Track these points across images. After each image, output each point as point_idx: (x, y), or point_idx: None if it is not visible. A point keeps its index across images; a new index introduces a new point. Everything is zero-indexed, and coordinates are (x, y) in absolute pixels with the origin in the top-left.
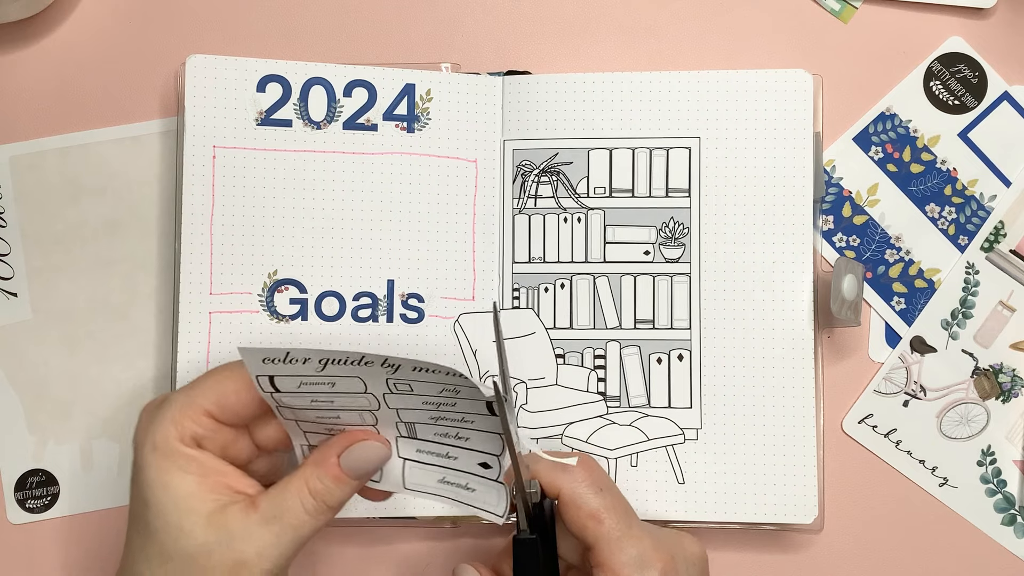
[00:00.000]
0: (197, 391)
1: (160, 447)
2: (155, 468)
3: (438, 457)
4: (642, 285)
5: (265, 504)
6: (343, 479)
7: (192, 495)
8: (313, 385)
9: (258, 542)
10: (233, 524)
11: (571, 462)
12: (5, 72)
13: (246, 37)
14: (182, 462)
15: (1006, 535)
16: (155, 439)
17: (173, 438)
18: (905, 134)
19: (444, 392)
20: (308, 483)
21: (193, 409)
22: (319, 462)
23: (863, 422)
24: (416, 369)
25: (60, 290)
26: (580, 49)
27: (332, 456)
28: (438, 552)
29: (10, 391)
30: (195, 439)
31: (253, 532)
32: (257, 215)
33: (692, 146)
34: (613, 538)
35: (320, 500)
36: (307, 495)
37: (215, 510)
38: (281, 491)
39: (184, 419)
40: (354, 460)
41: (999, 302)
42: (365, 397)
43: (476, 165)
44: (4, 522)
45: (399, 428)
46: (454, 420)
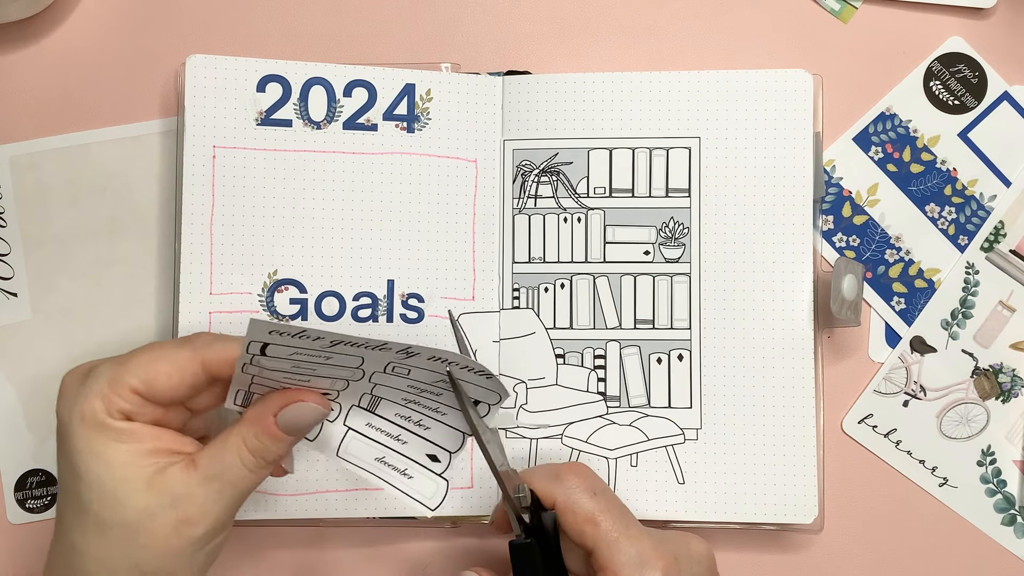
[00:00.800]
0: (126, 368)
1: (88, 419)
2: (84, 439)
3: (386, 436)
4: (642, 285)
5: (204, 462)
6: (279, 436)
7: (128, 463)
8: (306, 355)
9: (200, 500)
10: (174, 485)
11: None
12: (5, 72)
13: (246, 37)
14: (114, 434)
15: (1006, 535)
16: (83, 411)
17: (101, 412)
18: (905, 134)
19: (439, 383)
20: (246, 441)
21: (121, 386)
22: (256, 420)
23: (863, 422)
24: (432, 359)
25: (60, 290)
26: (580, 49)
27: (269, 415)
28: (438, 552)
29: (10, 391)
30: (124, 413)
31: (195, 491)
32: (257, 215)
33: (692, 146)
34: (611, 539)
35: (258, 457)
36: (246, 452)
37: (154, 473)
38: (219, 449)
39: (112, 395)
40: (292, 419)
41: (999, 302)
42: (353, 370)
43: (476, 165)
44: (4, 522)
45: (362, 399)
46: (427, 407)
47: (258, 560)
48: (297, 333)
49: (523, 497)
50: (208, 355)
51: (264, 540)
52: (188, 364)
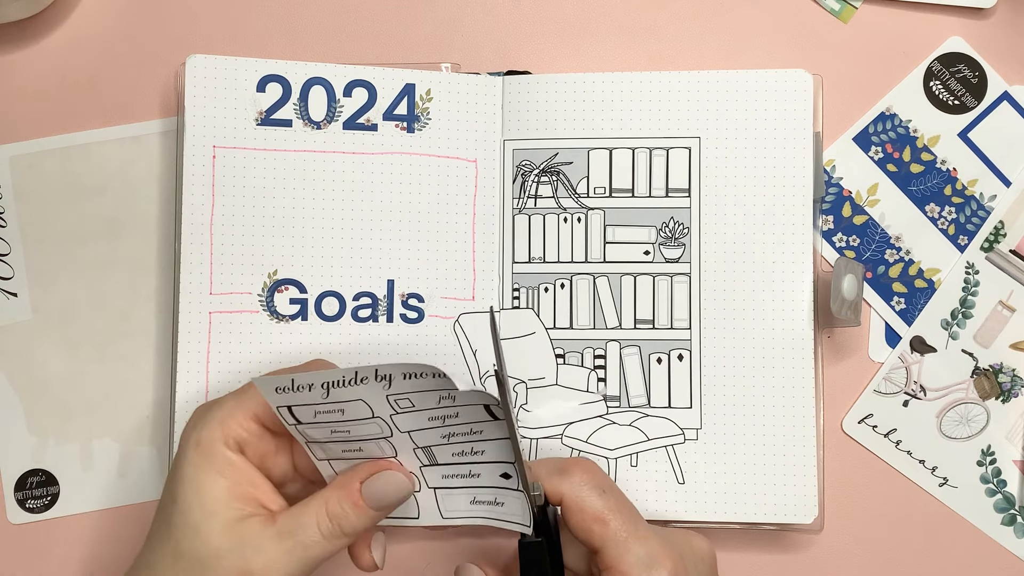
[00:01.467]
0: (247, 394)
1: (203, 445)
2: (193, 466)
3: (463, 478)
4: (642, 285)
5: (282, 520)
6: (362, 507)
7: (219, 500)
8: (326, 414)
9: (267, 555)
10: (248, 534)
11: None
12: (5, 72)
13: (246, 37)
14: (220, 464)
15: (1006, 535)
16: (200, 437)
17: (217, 439)
18: (905, 134)
19: (443, 401)
20: (327, 505)
21: (241, 412)
22: (341, 486)
23: (863, 422)
24: (407, 376)
25: (60, 290)
26: (580, 49)
27: (355, 482)
28: (438, 552)
29: (10, 391)
30: (238, 443)
31: (265, 545)
32: (257, 215)
33: (692, 146)
34: (620, 539)
35: (336, 524)
36: (324, 517)
37: (236, 519)
38: (300, 509)
39: (231, 421)
40: (376, 488)
41: (999, 302)
42: (375, 423)
43: (476, 165)
44: (4, 522)
45: (418, 456)
46: (464, 434)
47: None
48: (291, 385)
49: (538, 496)
50: None
51: None
52: None
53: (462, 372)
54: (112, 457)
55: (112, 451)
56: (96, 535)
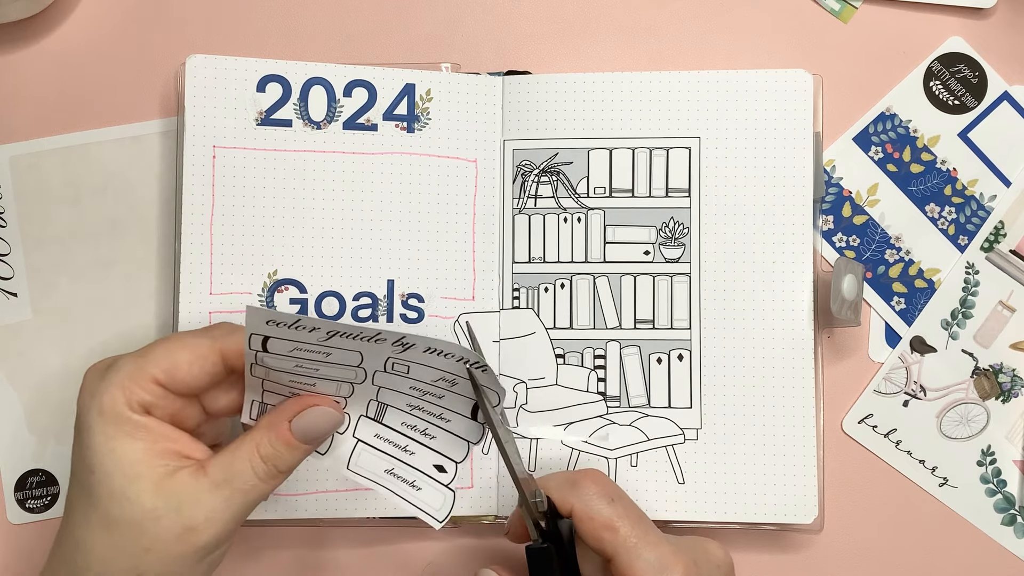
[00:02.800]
0: (148, 359)
1: (107, 412)
2: (101, 433)
3: (394, 447)
4: (642, 285)
5: (214, 469)
6: (294, 443)
7: (140, 461)
8: (306, 352)
9: (207, 507)
10: (182, 489)
11: None
12: (5, 72)
13: (246, 37)
14: (129, 428)
15: (1006, 535)
16: (102, 404)
17: (121, 403)
18: (905, 134)
19: (439, 382)
20: (259, 448)
21: (143, 376)
22: (270, 426)
23: (863, 422)
24: (428, 351)
25: (60, 290)
26: (580, 49)
27: (284, 421)
28: (438, 552)
29: (10, 391)
30: (143, 406)
31: (202, 497)
32: (257, 215)
33: (692, 146)
34: (630, 545)
35: (271, 464)
36: (258, 459)
37: (163, 476)
38: (231, 455)
39: (133, 386)
40: (305, 425)
41: (999, 302)
42: (354, 370)
43: (476, 165)
44: (4, 522)
45: (369, 407)
46: (431, 414)
47: (258, 560)
48: (293, 323)
49: (540, 502)
50: (226, 344)
51: (264, 540)
52: (208, 353)
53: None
54: None
55: None
56: None
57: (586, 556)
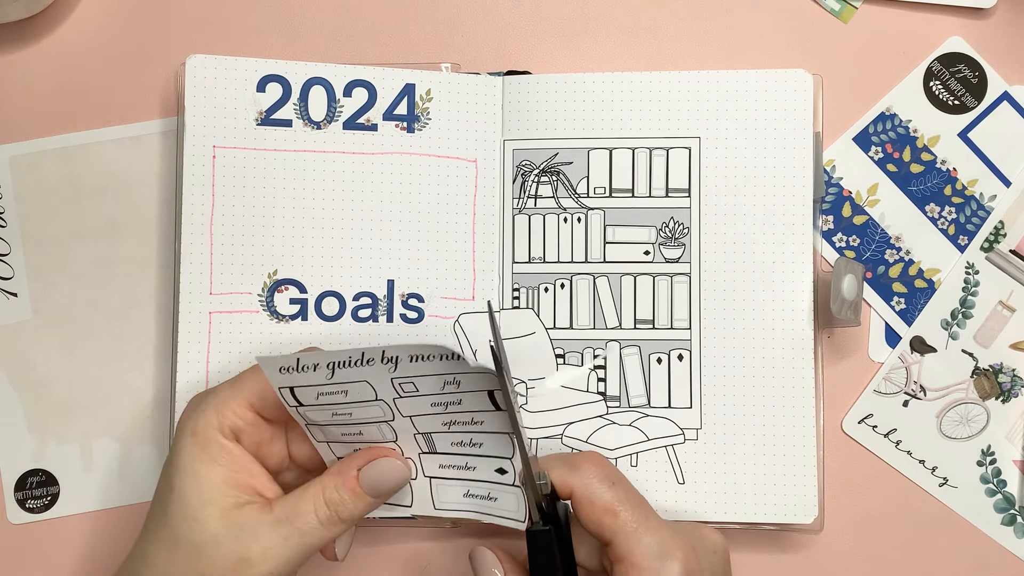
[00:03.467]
0: (242, 383)
1: (199, 434)
2: (188, 455)
3: (459, 470)
4: (642, 285)
5: (279, 506)
6: (359, 493)
7: (216, 487)
8: (329, 395)
9: (264, 541)
10: (245, 521)
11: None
12: (5, 72)
13: (246, 37)
14: (215, 452)
15: (1006, 535)
16: (196, 425)
17: (213, 427)
18: (905, 134)
19: (447, 387)
20: (324, 492)
21: (236, 400)
22: (338, 473)
23: (863, 422)
24: (413, 359)
25: (60, 290)
26: (580, 49)
27: (352, 469)
28: (438, 552)
29: (10, 391)
30: (234, 431)
31: (262, 531)
32: (257, 215)
33: (692, 146)
34: (630, 530)
35: (333, 510)
36: (321, 503)
37: (233, 506)
38: (297, 496)
39: (226, 409)
40: (373, 475)
41: (999, 302)
42: (378, 406)
43: (476, 165)
44: (4, 522)
45: (419, 442)
46: (465, 423)
47: None
48: (294, 364)
49: (544, 484)
50: None
51: None
52: None
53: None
54: (112, 457)
55: (112, 451)
56: (96, 535)
57: (580, 540)
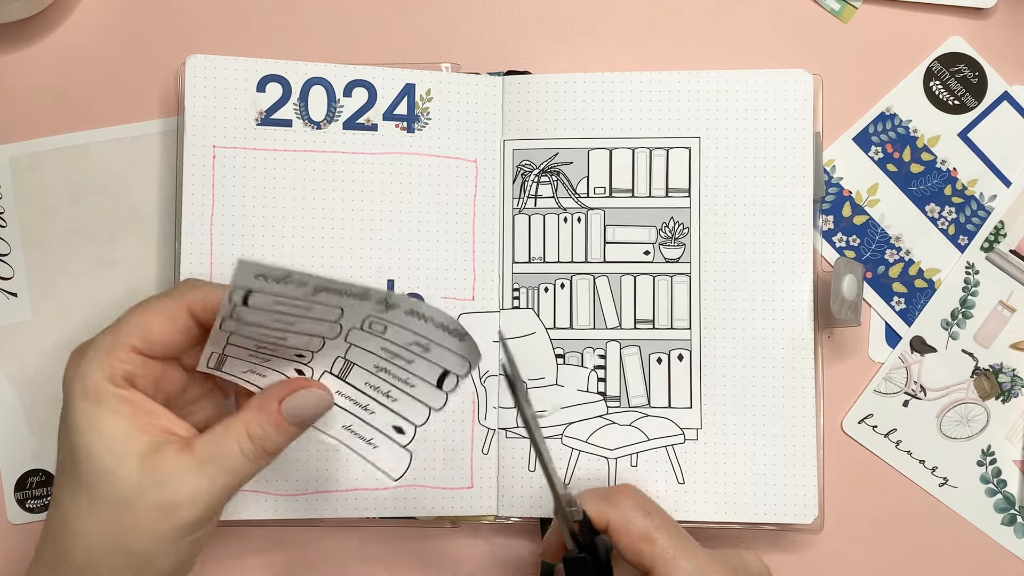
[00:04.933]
0: (122, 329)
1: (90, 391)
2: (85, 414)
3: (355, 405)
4: (642, 285)
5: (201, 446)
6: (283, 425)
7: (125, 437)
8: (288, 306)
9: (192, 485)
10: (167, 466)
11: None
12: (5, 72)
13: (246, 37)
14: (113, 403)
15: (1006, 535)
16: (84, 383)
17: (102, 379)
18: (905, 134)
19: (413, 346)
20: (248, 427)
21: (120, 347)
22: (260, 407)
23: (863, 422)
24: (411, 313)
25: (60, 290)
26: (580, 49)
27: (274, 402)
28: (438, 552)
29: (10, 391)
30: (125, 377)
31: (187, 475)
32: (257, 215)
33: (692, 146)
34: (668, 556)
35: (259, 445)
36: (246, 439)
37: (148, 451)
38: (219, 434)
39: (112, 359)
40: (296, 407)
41: (999, 302)
42: (330, 325)
43: (476, 165)
44: (4, 522)
45: (335, 365)
46: (397, 377)
47: (258, 560)
48: (283, 277)
49: (575, 510)
50: (193, 300)
51: (264, 540)
52: (177, 311)
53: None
54: None
55: None
56: None
57: (622, 571)
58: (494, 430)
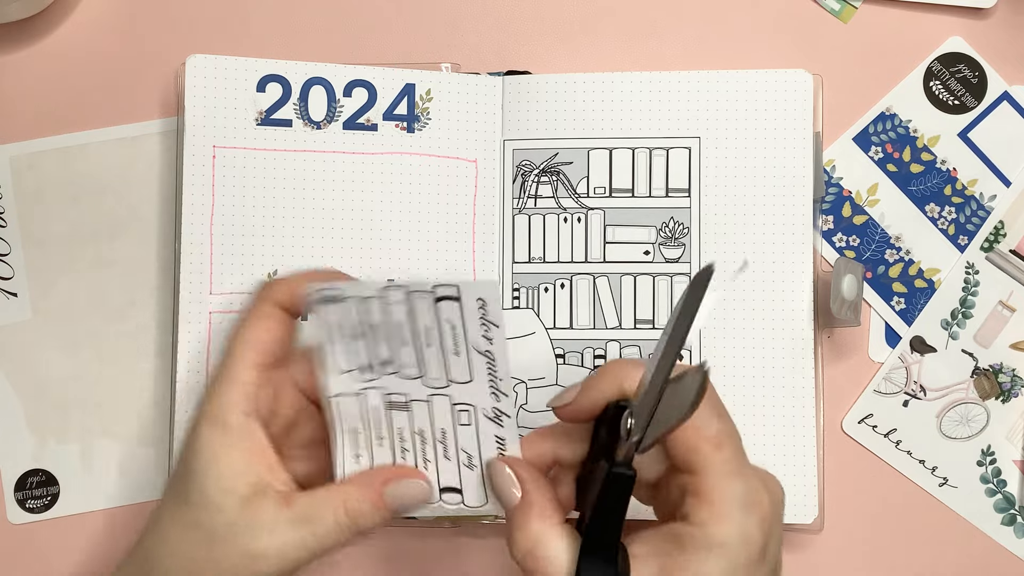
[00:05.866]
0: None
1: (217, 418)
2: (207, 441)
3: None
4: (642, 285)
5: (299, 505)
6: (381, 507)
7: (236, 474)
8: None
9: (281, 539)
10: (264, 514)
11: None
12: (5, 72)
13: (246, 37)
14: (234, 436)
15: (1006, 535)
16: (211, 407)
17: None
18: (905, 134)
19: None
20: (347, 501)
21: (241, 366)
22: (364, 484)
23: (863, 422)
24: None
25: (60, 290)
26: (580, 49)
27: (377, 483)
28: (437, 552)
29: (10, 391)
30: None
31: (279, 528)
32: (257, 215)
33: (692, 146)
34: (727, 470)
35: (352, 519)
36: (342, 511)
37: (252, 494)
38: (319, 498)
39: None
40: (399, 493)
41: (999, 302)
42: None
43: (476, 165)
44: (4, 522)
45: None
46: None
47: None
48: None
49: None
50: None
51: None
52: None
53: None
54: (112, 457)
55: (112, 451)
56: (96, 535)
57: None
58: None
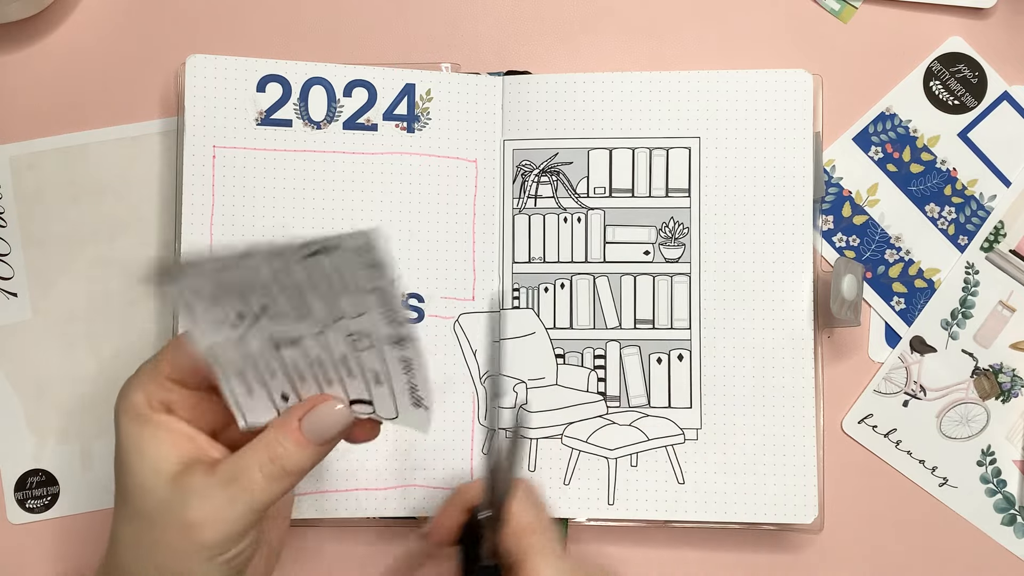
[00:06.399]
0: (160, 359)
1: (131, 413)
2: (130, 435)
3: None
4: (642, 285)
5: (224, 466)
6: (303, 443)
7: (161, 457)
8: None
9: (212, 503)
10: (192, 484)
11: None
12: (5, 72)
13: (246, 37)
14: (153, 426)
15: (1006, 535)
16: (127, 406)
17: (143, 404)
18: (905, 134)
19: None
20: (268, 447)
21: (158, 375)
22: (280, 425)
23: (863, 422)
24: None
25: (60, 290)
26: (580, 49)
27: (294, 420)
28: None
29: (10, 391)
30: (164, 404)
31: (209, 494)
32: (257, 215)
33: (692, 146)
34: (546, 552)
35: (278, 464)
36: (265, 459)
37: (180, 471)
38: (241, 454)
39: (151, 385)
40: (315, 423)
41: (999, 302)
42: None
43: (476, 165)
44: (4, 522)
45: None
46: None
47: None
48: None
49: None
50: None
51: None
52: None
53: (462, 373)
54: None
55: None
56: (96, 535)
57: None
58: (494, 430)
